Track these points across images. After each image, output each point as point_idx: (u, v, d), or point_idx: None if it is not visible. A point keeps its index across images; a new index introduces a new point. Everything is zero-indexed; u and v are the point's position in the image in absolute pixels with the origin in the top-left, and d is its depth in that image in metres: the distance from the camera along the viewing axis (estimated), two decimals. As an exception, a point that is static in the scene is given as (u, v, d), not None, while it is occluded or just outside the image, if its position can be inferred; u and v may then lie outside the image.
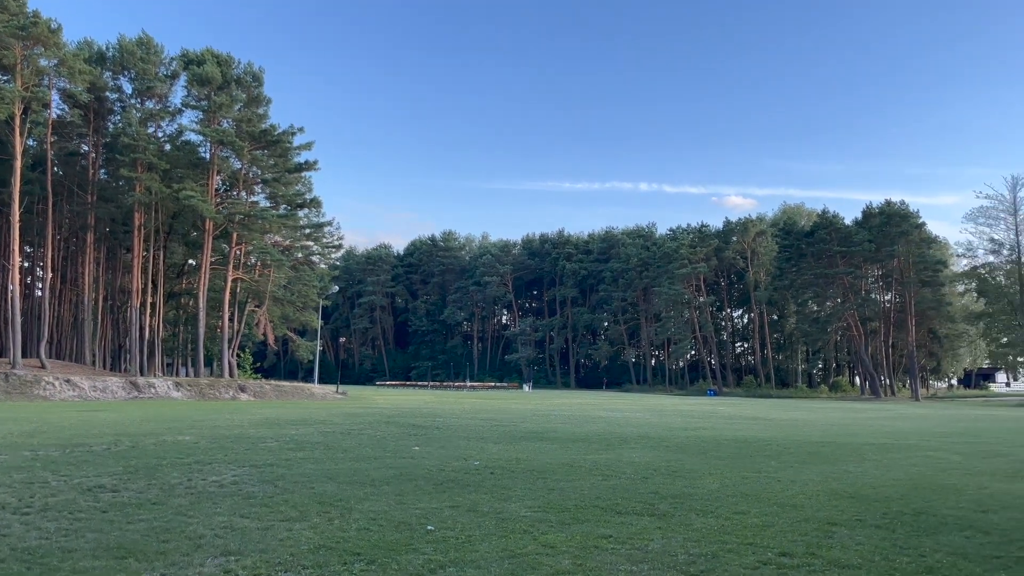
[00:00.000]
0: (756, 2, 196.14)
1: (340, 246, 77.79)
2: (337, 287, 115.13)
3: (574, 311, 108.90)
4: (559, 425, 25.30)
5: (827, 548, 7.74)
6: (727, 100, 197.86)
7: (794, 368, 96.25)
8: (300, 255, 66.76)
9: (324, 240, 67.70)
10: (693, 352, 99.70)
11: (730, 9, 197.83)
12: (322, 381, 71.65)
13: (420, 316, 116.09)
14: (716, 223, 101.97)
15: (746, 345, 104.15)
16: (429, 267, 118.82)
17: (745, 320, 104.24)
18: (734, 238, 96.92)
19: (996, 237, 70.31)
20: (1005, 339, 72.16)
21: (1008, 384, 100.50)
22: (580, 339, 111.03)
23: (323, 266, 73.64)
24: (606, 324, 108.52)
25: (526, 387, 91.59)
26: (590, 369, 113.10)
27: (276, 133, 52.41)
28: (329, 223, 64.80)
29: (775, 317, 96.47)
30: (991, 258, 71.49)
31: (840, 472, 13.96)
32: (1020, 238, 68.83)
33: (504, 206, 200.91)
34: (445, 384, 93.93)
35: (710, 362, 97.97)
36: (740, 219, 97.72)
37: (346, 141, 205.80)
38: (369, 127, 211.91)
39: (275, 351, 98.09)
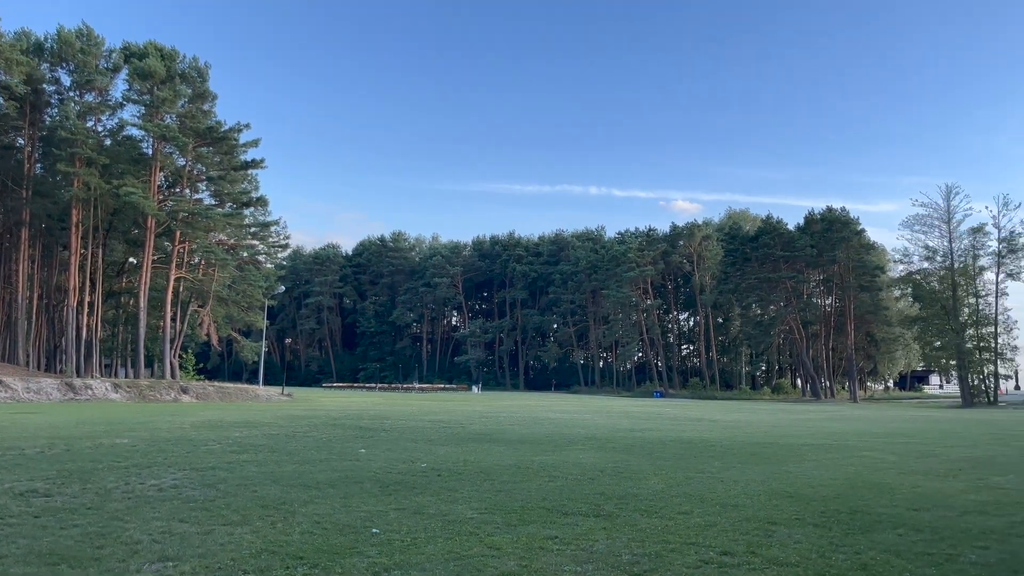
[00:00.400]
0: (705, 10, 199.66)
1: (287, 245, 76.74)
2: (283, 287, 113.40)
3: (524, 313, 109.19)
4: (507, 427, 25.33)
5: (767, 547, 7.90)
6: (675, 106, 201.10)
7: (738, 370, 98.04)
8: (245, 254, 65.59)
9: (270, 239, 66.66)
10: (640, 354, 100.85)
11: (680, 16, 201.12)
12: (267, 383, 70.47)
13: (368, 317, 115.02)
14: (664, 227, 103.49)
15: (692, 347, 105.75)
16: (378, 268, 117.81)
17: (691, 323, 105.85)
18: (681, 242, 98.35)
19: (931, 244, 72.74)
20: (938, 343, 74.65)
21: (941, 386, 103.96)
22: (530, 341, 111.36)
23: (269, 266, 72.46)
24: (555, 326, 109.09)
25: (475, 389, 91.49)
26: (539, 371, 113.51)
27: (222, 130, 51.41)
28: (276, 222, 63.84)
29: (720, 320, 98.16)
30: (926, 264, 73.87)
31: (781, 472, 14.26)
32: (953, 245, 71.32)
33: (455, 207, 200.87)
34: (393, 386, 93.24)
35: (657, 364, 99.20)
36: (687, 224, 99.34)
37: (294, 139, 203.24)
38: (318, 126, 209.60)
39: (219, 352, 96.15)
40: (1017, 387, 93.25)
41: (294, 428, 22.69)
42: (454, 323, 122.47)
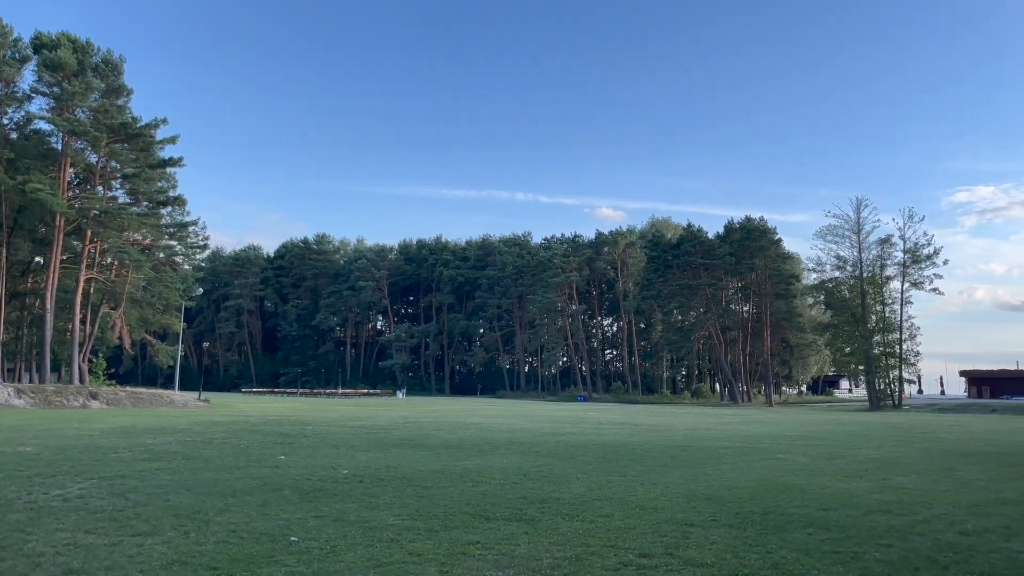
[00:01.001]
0: (629, 18, 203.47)
1: (206, 246, 74.28)
2: (202, 289, 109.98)
3: (450, 317, 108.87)
4: (431, 432, 25.20)
5: (684, 548, 8.09)
6: (600, 115, 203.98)
7: (660, 375, 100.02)
8: (162, 255, 63.32)
9: (188, 240, 64.48)
10: (565, 359, 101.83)
11: (603, 24, 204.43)
12: (183, 388, 68.20)
13: (290, 321, 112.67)
14: (589, 234, 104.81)
15: (615, 352, 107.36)
16: (301, 270, 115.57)
17: (615, 328, 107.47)
18: (606, 249, 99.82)
19: (842, 254, 75.90)
20: (848, 348, 77.87)
21: (850, 390, 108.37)
22: (456, 345, 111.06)
23: (187, 267, 70.16)
24: (482, 331, 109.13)
25: (400, 394, 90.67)
26: (465, 375, 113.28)
27: (138, 126, 49.58)
28: (194, 222, 61.78)
29: (643, 326, 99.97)
30: (837, 273, 77.05)
31: (699, 475, 14.62)
32: (862, 255, 74.57)
33: (381, 210, 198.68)
34: (316, 391, 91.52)
35: (581, 369, 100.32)
36: (612, 231, 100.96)
37: (215, 138, 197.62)
38: (239, 125, 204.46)
39: (132, 356, 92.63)
40: (920, 391, 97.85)
41: (211, 434, 22.04)
42: (379, 327, 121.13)
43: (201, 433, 22.56)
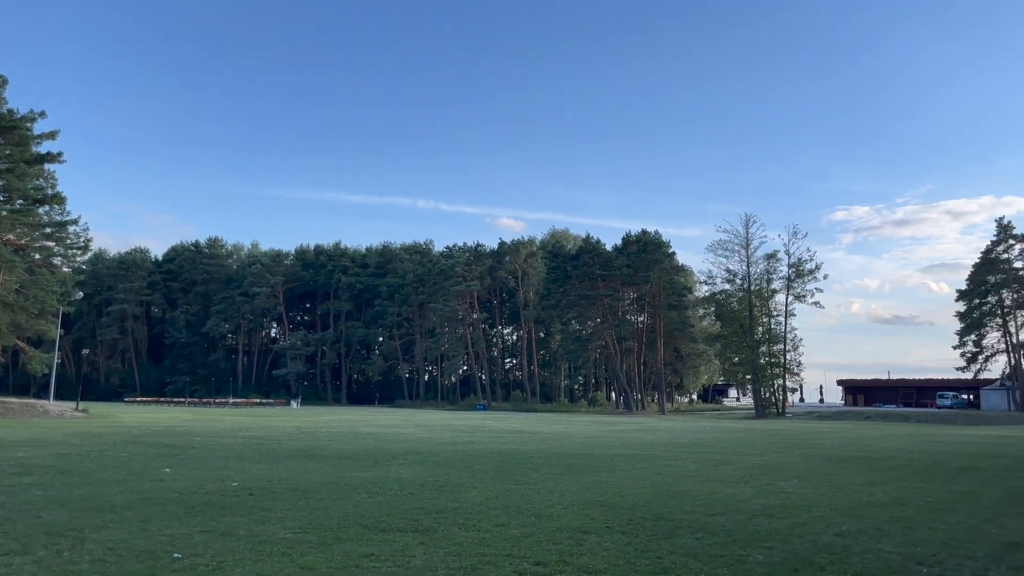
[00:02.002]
0: (539, 31, 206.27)
1: (87, 248, 70.35)
2: (82, 293, 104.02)
3: (348, 325, 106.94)
4: (327, 443, 24.68)
5: (578, 555, 8.20)
6: (502, 124, 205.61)
7: (558, 383, 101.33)
8: (38, 256, 59.55)
9: (68, 240, 60.89)
10: (465, 368, 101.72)
11: (511, 34, 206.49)
12: (60, 397, 64.28)
13: (179, 327, 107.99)
14: (491, 243, 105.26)
15: (515, 361, 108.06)
16: (191, 275, 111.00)
17: (515, 337, 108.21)
18: (507, 258, 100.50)
19: (731, 267, 79.10)
20: (736, 358, 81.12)
21: (738, 398, 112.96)
22: (354, 354, 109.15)
23: (66, 269, 66.21)
24: (381, 339, 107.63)
25: (294, 403, 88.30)
26: (363, 385, 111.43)
27: (12, 118, 46.59)
28: (74, 221, 58.35)
29: (542, 335, 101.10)
30: (727, 286, 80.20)
31: (594, 482, 14.88)
32: (750, 269, 77.96)
33: (278, 214, 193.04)
34: (205, 401, 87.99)
35: (481, 377, 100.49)
36: (513, 240, 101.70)
37: (101, 135, 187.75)
38: (128, 123, 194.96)
39: (2, 364, 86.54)
40: (801, 399, 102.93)
41: (88, 447, 20.86)
42: (273, 335, 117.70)
43: (78, 445, 21.32)
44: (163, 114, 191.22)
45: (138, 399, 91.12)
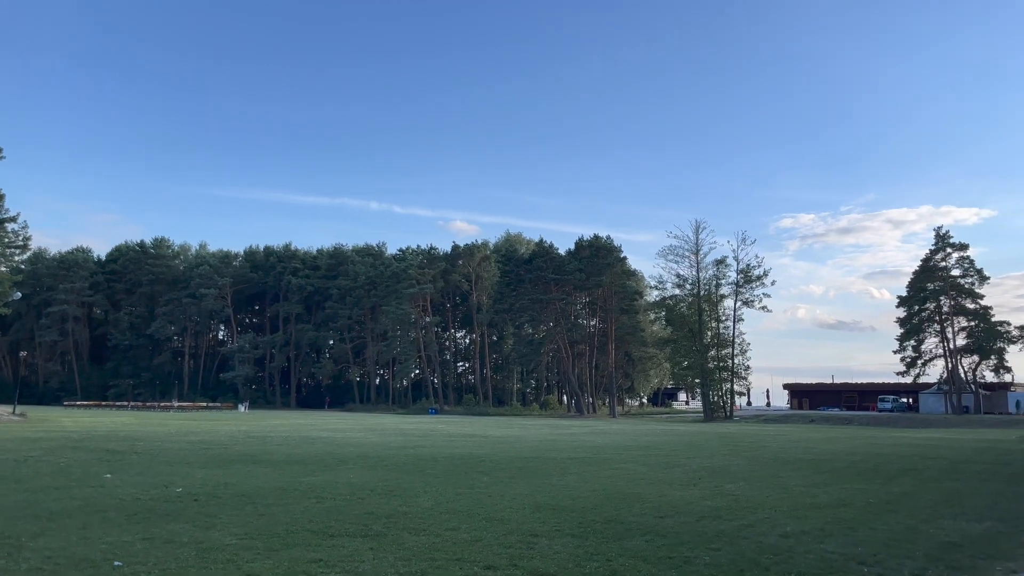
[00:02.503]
0: (495, 33, 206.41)
1: (26, 247, 68.27)
2: (20, 294, 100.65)
3: (298, 328, 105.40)
4: (275, 447, 24.30)
5: (528, 558, 8.21)
6: (457, 127, 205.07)
7: (510, 387, 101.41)
8: (-27, 255, 57.58)
9: (6, 239, 59.04)
10: (417, 371, 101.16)
11: (472, 40, 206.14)
12: (-5, 401, 62.06)
13: (123, 329, 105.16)
14: (444, 246, 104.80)
15: (467, 365, 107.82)
16: (136, 276, 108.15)
17: (467, 341, 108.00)
18: (460, 261, 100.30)
19: (682, 273, 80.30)
20: (686, 362, 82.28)
21: (687, 402, 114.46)
22: (303, 357, 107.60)
23: (3, 269, 64.12)
24: (331, 342, 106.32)
25: (242, 407, 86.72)
26: (313, 388, 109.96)
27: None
28: (13, 219, 56.69)
29: (495, 338, 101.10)
30: (677, 291, 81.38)
31: (545, 485, 14.92)
32: (700, 274, 79.21)
33: (226, 215, 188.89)
34: (149, 405, 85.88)
35: (433, 381, 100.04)
36: (467, 244, 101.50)
37: (42, 132, 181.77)
38: (71, 120, 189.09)
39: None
40: (749, 403, 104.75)
41: (25, 452, 20.19)
42: (221, 337, 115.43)
43: (14, 451, 20.62)
44: (107, 111, 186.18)
45: (79, 403, 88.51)
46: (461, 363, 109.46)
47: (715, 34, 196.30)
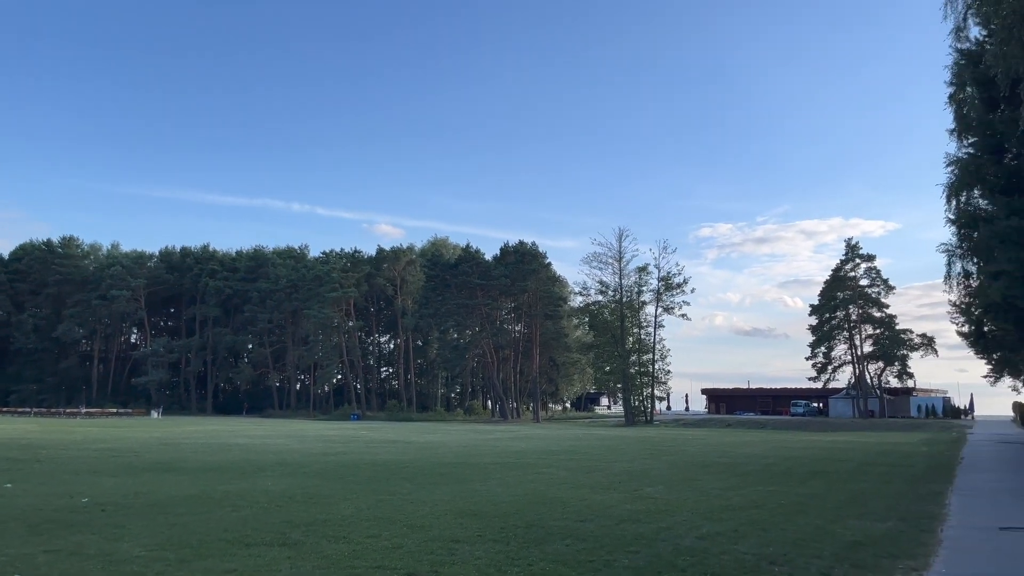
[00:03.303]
0: (425, 45, 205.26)
1: (-79, 244, 64.38)
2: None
3: (216, 332, 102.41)
4: (189, 454, 23.56)
5: (450, 564, 8.20)
6: (382, 131, 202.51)
7: (435, 392, 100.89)
8: None
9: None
10: (339, 376, 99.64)
11: (399, 44, 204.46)
12: None
13: (26, 332, 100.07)
14: (369, 249, 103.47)
15: (391, 370, 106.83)
16: (42, 276, 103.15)
17: (391, 345, 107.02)
18: (385, 265, 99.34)
19: (605, 280, 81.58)
20: (608, 367, 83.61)
21: (609, 406, 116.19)
22: (221, 362, 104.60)
23: None
24: (250, 346, 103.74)
25: (155, 413, 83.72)
26: (230, 394, 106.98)
27: None
28: (-94, 215, 53.24)
29: (419, 343, 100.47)
30: (600, 297, 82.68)
31: (468, 491, 14.91)
32: (622, 281, 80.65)
33: (140, 214, 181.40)
34: (54, 411, 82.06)
35: (356, 386, 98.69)
36: (392, 247, 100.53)
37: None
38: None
39: None
40: (668, 407, 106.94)
41: (-84, 462, 19.02)
42: (134, 341, 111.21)
43: (-97, 461, 19.41)
44: (12, 105, 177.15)
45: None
46: (385, 368, 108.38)
47: (640, 45, 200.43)
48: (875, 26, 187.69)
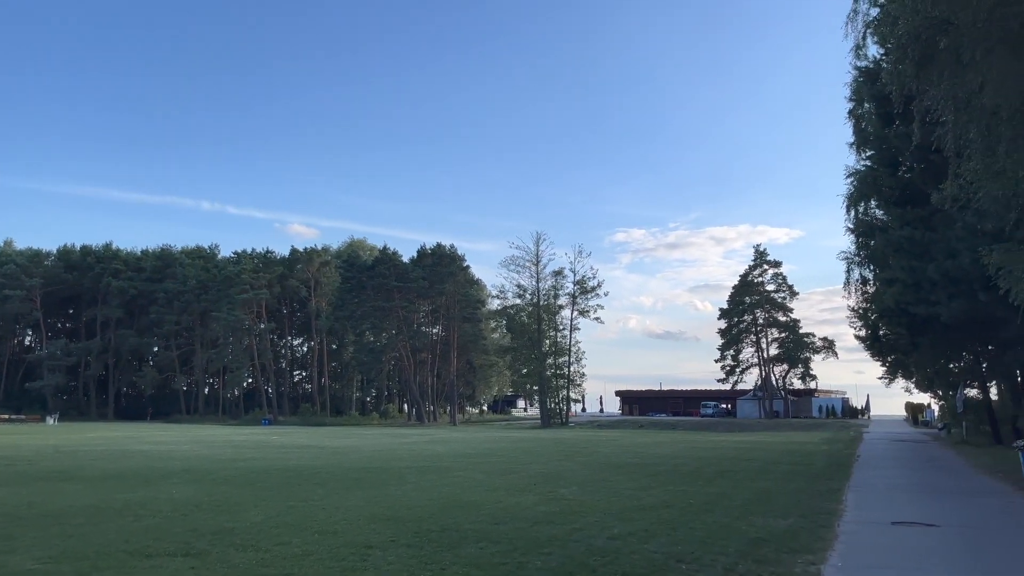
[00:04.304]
0: (341, 42, 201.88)
1: None
2: None
3: (119, 334, 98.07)
4: (88, 462, 22.52)
5: (361, 571, 8.10)
6: (295, 129, 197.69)
7: (350, 396, 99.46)
8: None
9: None
10: (251, 380, 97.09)
11: (313, 41, 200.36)
12: None
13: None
14: (282, 250, 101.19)
15: (304, 373, 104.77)
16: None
17: (305, 348, 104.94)
18: (299, 266, 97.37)
19: (522, 283, 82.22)
20: (525, 370, 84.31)
21: (526, 409, 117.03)
22: (124, 365, 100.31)
23: None
24: (156, 349, 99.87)
25: (51, 419, 79.53)
26: (134, 398, 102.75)
27: None
28: None
29: (334, 346, 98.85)
30: (518, 300, 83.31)
31: (382, 496, 14.75)
32: (540, 284, 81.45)
33: (36, 210, 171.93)
34: (-62, 417, 77.02)
35: (267, 390, 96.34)
36: (306, 248, 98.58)
37: None
38: None
39: None
40: (584, 409, 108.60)
41: None
42: (28, 343, 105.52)
43: None
44: None
45: None
46: (298, 372, 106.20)
47: (560, 52, 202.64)
48: (783, 41, 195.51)
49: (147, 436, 43.42)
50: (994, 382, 41.15)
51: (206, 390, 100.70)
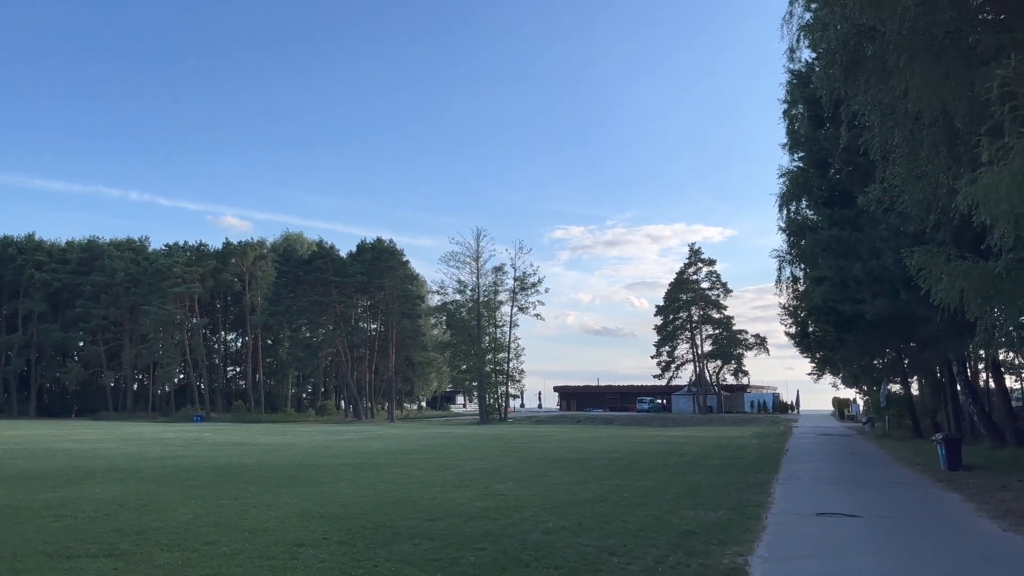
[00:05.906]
0: (280, 35, 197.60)
1: None
2: None
3: (41, 328, 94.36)
4: (6, 461, 21.64)
5: (292, 569, 7.97)
6: (230, 119, 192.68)
7: (285, 392, 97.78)
8: None
9: None
10: (182, 376, 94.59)
11: (252, 32, 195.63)
12: None
13: None
14: (216, 243, 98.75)
15: (238, 369, 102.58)
16: None
17: (239, 344, 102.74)
18: (233, 260, 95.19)
19: (462, 279, 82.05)
20: (464, 366, 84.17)
21: (464, 405, 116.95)
22: (47, 360, 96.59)
23: None
24: (81, 344, 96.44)
25: (-32, 417, 76.20)
26: (57, 395, 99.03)
27: None
28: None
29: (270, 342, 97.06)
30: (458, 296, 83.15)
31: (315, 493, 14.55)
32: (480, 281, 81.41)
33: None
34: None
35: (199, 387, 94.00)
36: (240, 241, 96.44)
37: None
38: None
39: None
40: (522, 405, 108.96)
41: None
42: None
43: None
44: None
45: None
46: (231, 368, 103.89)
47: (499, 49, 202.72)
48: (719, 42, 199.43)
49: (71, 434, 41.89)
50: (915, 378, 42.91)
51: (135, 386, 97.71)
